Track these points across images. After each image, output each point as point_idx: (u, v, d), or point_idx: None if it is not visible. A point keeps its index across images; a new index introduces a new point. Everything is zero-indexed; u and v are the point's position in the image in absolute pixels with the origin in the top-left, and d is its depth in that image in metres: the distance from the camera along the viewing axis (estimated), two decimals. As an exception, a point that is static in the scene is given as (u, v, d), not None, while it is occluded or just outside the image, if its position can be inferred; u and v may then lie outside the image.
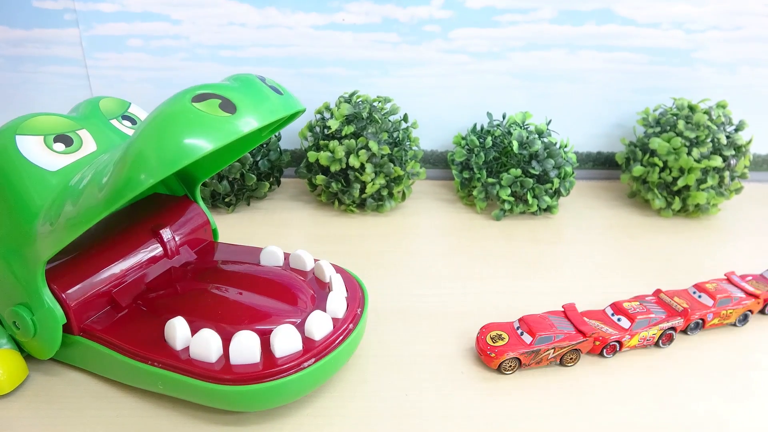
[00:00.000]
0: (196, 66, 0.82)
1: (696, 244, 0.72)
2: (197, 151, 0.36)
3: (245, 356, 0.42)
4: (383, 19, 0.81)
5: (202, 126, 0.36)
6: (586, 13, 0.81)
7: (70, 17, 0.78)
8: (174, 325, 0.44)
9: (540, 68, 0.85)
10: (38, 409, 0.45)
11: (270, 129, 0.52)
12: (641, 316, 0.52)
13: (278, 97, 0.43)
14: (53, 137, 0.45)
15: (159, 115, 0.37)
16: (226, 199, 0.77)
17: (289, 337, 0.43)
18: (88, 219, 0.39)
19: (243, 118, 0.38)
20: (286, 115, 0.43)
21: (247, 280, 0.50)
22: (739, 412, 0.46)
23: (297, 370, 0.42)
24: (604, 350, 0.51)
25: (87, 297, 0.47)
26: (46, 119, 0.46)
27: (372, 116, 0.74)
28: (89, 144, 0.47)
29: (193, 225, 0.57)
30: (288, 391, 0.43)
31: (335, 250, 0.69)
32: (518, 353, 0.49)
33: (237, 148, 0.56)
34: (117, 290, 0.49)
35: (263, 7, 0.79)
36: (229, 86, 0.40)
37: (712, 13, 0.81)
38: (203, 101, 0.37)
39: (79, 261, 0.48)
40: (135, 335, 0.46)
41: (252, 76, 0.43)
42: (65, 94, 0.82)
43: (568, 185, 0.78)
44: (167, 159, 0.36)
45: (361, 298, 0.50)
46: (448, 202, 0.83)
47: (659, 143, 0.75)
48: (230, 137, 0.37)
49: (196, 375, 0.42)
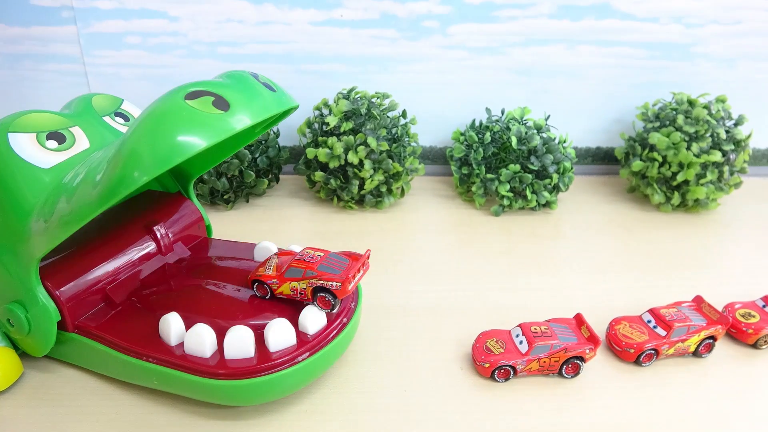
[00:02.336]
0: (194, 63, 0.82)
1: (695, 239, 0.72)
2: (191, 148, 0.36)
3: (239, 351, 0.42)
4: (381, 15, 0.81)
5: (196, 123, 0.36)
6: (585, 7, 0.81)
7: (68, 15, 0.78)
8: (168, 320, 0.44)
9: (539, 63, 0.84)
10: (34, 406, 0.46)
11: (263, 125, 0.52)
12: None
13: (271, 93, 0.43)
14: (46, 134, 0.45)
15: (152, 112, 0.37)
16: (225, 196, 0.77)
17: (283, 332, 0.43)
18: (82, 216, 0.39)
19: (236, 115, 0.38)
20: (279, 111, 0.43)
21: (241, 276, 0.50)
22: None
23: (291, 364, 0.42)
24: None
25: (81, 294, 0.47)
26: (39, 116, 0.46)
27: (370, 112, 0.74)
28: (82, 141, 0.47)
29: (187, 221, 0.57)
30: (282, 385, 0.43)
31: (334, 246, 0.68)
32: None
33: (230, 145, 0.56)
34: (111, 287, 0.49)
35: (261, 4, 0.79)
36: (222, 83, 0.40)
37: (711, 7, 0.81)
38: (196, 99, 0.37)
39: (73, 258, 0.48)
40: (129, 331, 0.46)
41: (245, 72, 0.43)
42: (63, 91, 0.82)
43: (567, 180, 0.77)
44: (161, 156, 0.36)
45: (354, 292, 0.50)
46: (447, 198, 0.83)
47: (658, 138, 0.75)
48: (223, 135, 0.37)
49: (191, 370, 0.42)
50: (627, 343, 0.50)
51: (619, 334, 0.52)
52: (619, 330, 0.52)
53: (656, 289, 0.61)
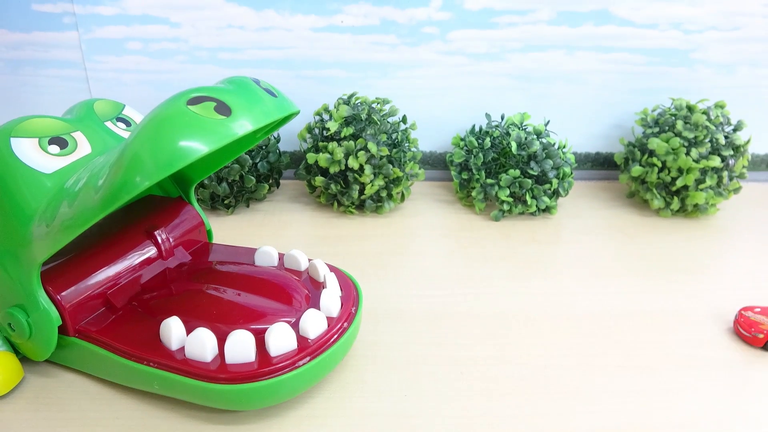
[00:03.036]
0: (195, 68, 0.82)
1: (695, 245, 0.72)
2: (193, 153, 0.36)
3: (240, 355, 0.42)
4: (382, 21, 0.81)
5: (198, 129, 0.37)
6: (584, 14, 0.81)
7: (70, 20, 0.78)
8: (169, 325, 0.44)
9: (538, 69, 0.85)
10: (34, 410, 0.46)
11: (264, 131, 0.52)
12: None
13: (272, 99, 0.43)
14: (48, 139, 0.45)
15: (154, 118, 0.37)
16: (226, 201, 0.77)
17: (284, 336, 0.43)
18: (84, 221, 0.39)
19: (238, 120, 0.38)
20: (280, 117, 0.43)
21: (242, 281, 0.50)
22: None
23: (292, 369, 0.42)
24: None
25: (82, 298, 0.47)
26: (41, 122, 0.46)
27: (371, 118, 0.75)
28: (84, 146, 0.47)
29: (188, 226, 0.58)
30: (283, 389, 0.43)
31: (334, 251, 0.69)
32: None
33: (231, 150, 0.56)
34: (112, 291, 0.49)
35: (262, 10, 0.79)
36: (224, 89, 0.40)
37: (710, 13, 0.81)
38: (198, 104, 0.37)
39: (74, 263, 0.48)
40: (130, 336, 0.46)
41: (246, 78, 0.43)
42: (65, 97, 0.82)
43: (567, 186, 0.78)
44: (163, 162, 0.36)
45: (355, 297, 0.50)
46: (446, 203, 0.83)
47: (658, 143, 0.75)
48: (225, 140, 0.37)
49: (192, 374, 0.42)
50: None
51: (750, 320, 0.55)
52: (749, 317, 0.55)
53: (656, 294, 0.61)
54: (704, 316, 0.58)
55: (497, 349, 0.52)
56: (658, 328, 0.56)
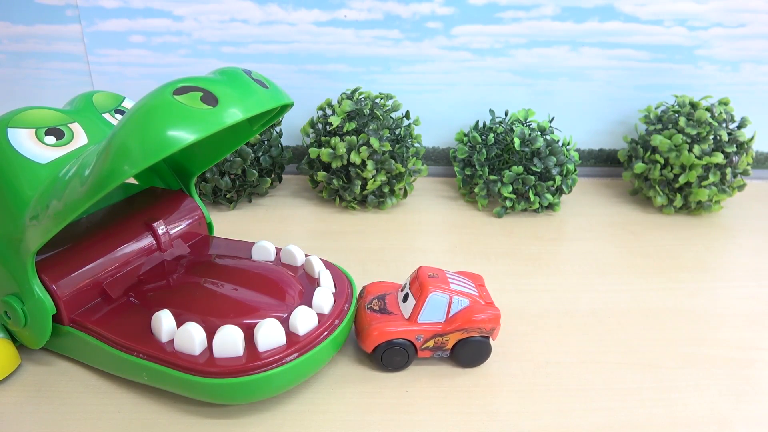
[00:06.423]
0: (198, 62, 0.82)
1: (698, 242, 0.72)
2: (178, 142, 0.36)
3: (228, 350, 0.42)
4: (385, 16, 0.81)
5: (183, 118, 0.37)
6: (589, 9, 0.80)
7: (72, 13, 0.79)
8: (159, 317, 0.44)
9: (542, 65, 0.84)
10: (29, 396, 0.46)
11: (260, 123, 0.52)
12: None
13: (264, 90, 0.43)
14: (44, 130, 0.46)
15: (141, 107, 0.37)
16: (228, 195, 0.77)
17: (273, 332, 0.43)
18: (73, 209, 0.40)
19: (225, 110, 0.39)
20: (271, 107, 0.43)
21: (238, 275, 0.50)
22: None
23: (280, 364, 0.42)
24: None
25: (77, 288, 0.47)
26: (38, 112, 0.46)
27: (374, 113, 0.74)
28: (80, 137, 0.47)
29: (188, 219, 0.58)
30: (271, 384, 0.43)
31: (336, 246, 0.69)
32: None
33: (229, 142, 0.56)
34: (108, 282, 0.49)
35: (265, 4, 0.79)
36: (213, 79, 0.40)
37: (715, 10, 0.81)
38: (184, 94, 0.38)
39: (71, 253, 0.49)
40: (123, 327, 0.46)
41: (237, 69, 0.43)
42: (67, 90, 0.83)
43: (570, 182, 0.77)
44: (149, 150, 0.36)
45: (349, 294, 0.50)
46: (449, 199, 0.83)
47: (661, 140, 0.75)
48: (211, 129, 0.38)
49: (180, 367, 0.42)
50: None
51: None
52: None
53: (659, 292, 0.61)
54: (707, 314, 0.58)
55: (498, 345, 0.52)
56: (660, 326, 0.56)
